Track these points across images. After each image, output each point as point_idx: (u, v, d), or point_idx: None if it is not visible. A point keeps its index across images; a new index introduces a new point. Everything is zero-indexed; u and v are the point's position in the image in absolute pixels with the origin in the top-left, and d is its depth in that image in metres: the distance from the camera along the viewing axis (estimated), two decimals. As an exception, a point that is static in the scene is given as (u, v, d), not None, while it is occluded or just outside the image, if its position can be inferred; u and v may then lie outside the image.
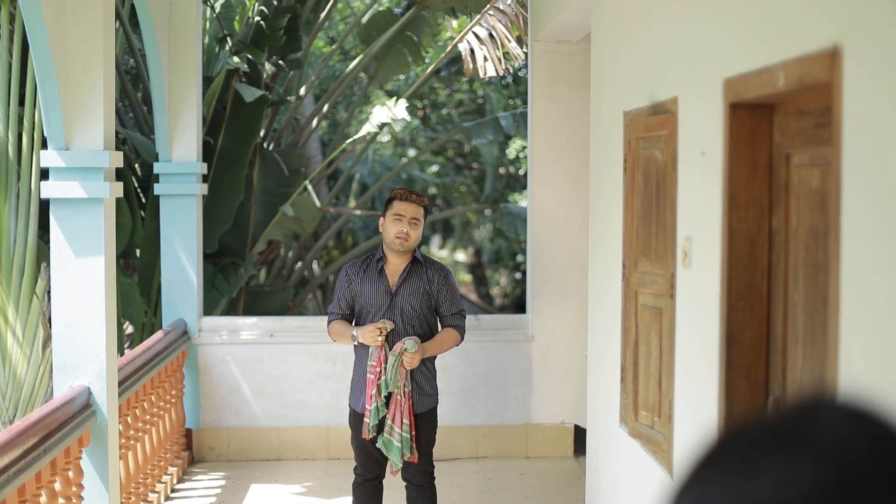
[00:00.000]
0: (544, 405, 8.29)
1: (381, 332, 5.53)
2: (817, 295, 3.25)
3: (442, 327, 5.85)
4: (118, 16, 9.41)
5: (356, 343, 5.65)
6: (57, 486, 5.25)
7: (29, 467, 4.76)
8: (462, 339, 5.84)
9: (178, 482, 7.64)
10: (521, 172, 17.64)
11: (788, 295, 3.51)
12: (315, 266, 13.94)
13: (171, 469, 7.55)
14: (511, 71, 8.96)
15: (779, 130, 3.59)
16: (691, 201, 4.11)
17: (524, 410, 8.29)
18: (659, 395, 4.49)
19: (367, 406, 5.64)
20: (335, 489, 7.41)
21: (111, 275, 5.76)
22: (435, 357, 5.84)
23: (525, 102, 12.04)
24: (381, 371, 5.58)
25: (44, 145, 6.86)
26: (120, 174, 8.57)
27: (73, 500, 5.43)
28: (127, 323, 9.82)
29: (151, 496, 6.97)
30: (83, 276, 5.64)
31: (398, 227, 5.68)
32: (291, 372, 8.20)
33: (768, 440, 0.86)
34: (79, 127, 5.58)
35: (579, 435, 8.28)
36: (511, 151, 16.87)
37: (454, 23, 15.73)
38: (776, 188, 3.60)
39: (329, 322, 5.86)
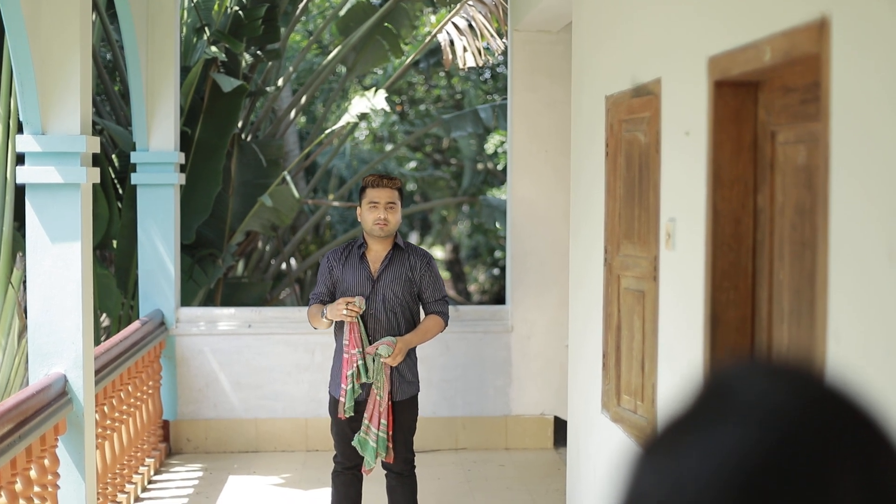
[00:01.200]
0: (524, 396, 8.26)
1: (351, 309, 5.47)
2: (803, 272, 3.23)
3: (425, 314, 5.80)
4: (95, 7, 9.33)
5: (325, 319, 5.57)
6: (32, 473, 5.18)
7: (4, 453, 4.69)
8: (446, 325, 5.80)
9: (156, 473, 7.58)
10: (499, 168, 17.60)
11: (774, 273, 3.49)
12: (293, 261, 13.86)
13: (148, 461, 7.48)
14: (491, 62, 8.92)
15: (764, 108, 3.56)
16: (675, 182, 4.09)
17: (503, 402, 8.26)
18: (642, 378, 4.46)
19: (342, 385, 5.58)
20: (314, 480, 7.36)
21: (88, 261, 5.69)
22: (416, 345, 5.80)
23: (504, 97, 12.00)
24: (356, 354, 5.53)
25: (19, 130, 6.78)
26: (96, 164, 8.49)
27: (49, 489, 5.36)
28: (104, 315, 9.74)
29: (128, 487, 6.90)
30: (59, 262, 5.57)
31: (375, 215, 5.63)
32: (270, 363, 8.14)
33: (690, 418, 0.87)
34: (55, 111, 5.52)
35: (559, 426, 8.25)
36: (490, 146, 16.83)
37: (433, 18, 15.71)
38: (761, 166, 3.58)
39: (308, 306, 5.82)
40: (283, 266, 12.61)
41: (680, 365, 4.00)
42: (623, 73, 4.77)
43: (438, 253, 21.71)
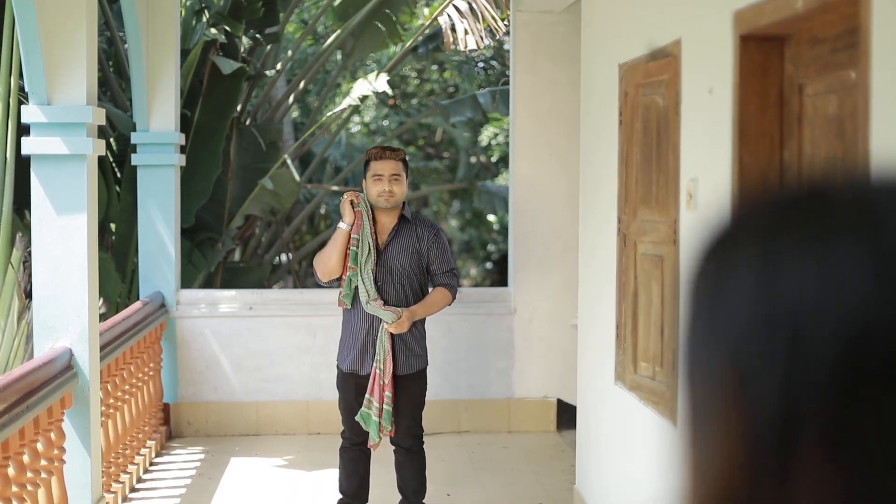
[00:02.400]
0: (527, 379, 8.22)
1: (353, 198, 5.55)
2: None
3: (433, 286, 5.75)
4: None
5: (341, 225, 5.51)
6: (39, 446, 5.12)
7: (12, 423, 4.63)
8: (454, 298, 5.74)
9: (157, 456, 7.51)
10: (493, 160, 17.56)
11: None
12: (288, 256, 13.77)
13: (150, 443, 7.41)
14: (492, 44, 8.87)
15: (791, 62, 3.52)
16: (696, 142, 4.05)
17: (506, 384, 8.22)
18: (661, 344, 4.42)
19: (341, 277, 5.56)
20: (317, 462, 7.30)
21: (93, 234, 5.63)
22: (425, 318, 5.74)
23: (496, 88, 11.90)
24: (355, 239, 5.52)
25: (24, 102, 6.71)
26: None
27: (55, 464, 5.30)
28: (101, 300, 9.66)
29: (130, 468, 6.84)
30: (65, 234, 5.51)
31: (380, 187, 5.58)
32: (270, 345, 8.08)
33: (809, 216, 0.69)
34: (61, 81, 5.46)
35: (562, 409, 8.21)
36: (483, 138, 16.78)
37: (426, 10, 15.66)
38: (788, 121, 3.54)
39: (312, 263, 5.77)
40: (277, 260, 12.54)
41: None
42: (637, 38, 4.73)
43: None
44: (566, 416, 8.13)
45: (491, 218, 18.84)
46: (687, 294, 0.75)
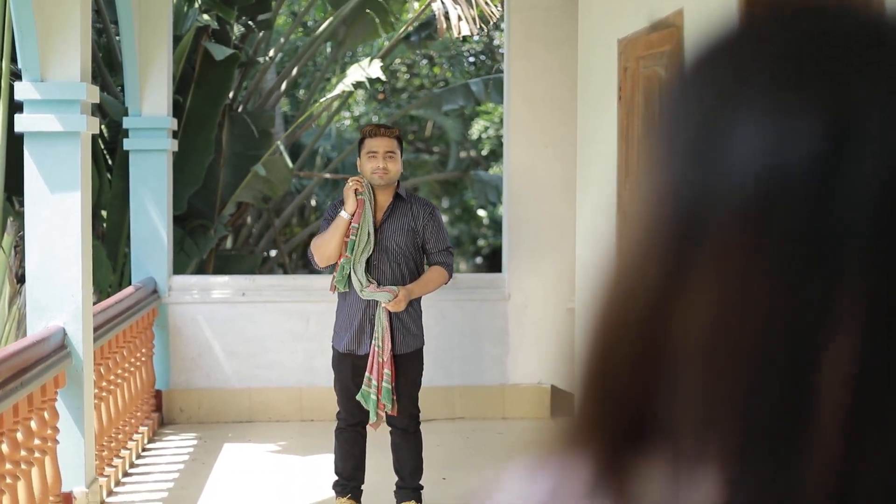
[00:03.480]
0: (521, 365, 8.18)
1: (356, 183, 5.48)
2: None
3: (428, 265, 5.71)
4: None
5: (343, 213, 5.46)
6: (33, 425, 5.07)
7: (6, 398, 4.58)
8: (450, 276, 5.71)
9: (149, 442, 7.45)
10: (483, 153, 17.53)
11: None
12: (278, 249, 13.71)
13: (142, 429, 7.36)
14: (483, 36, 8.85)
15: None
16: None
17: (500, 371, 8.18)
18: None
19: (338, 261, 5.50)
20: (311, 447, 7.25)
21: (87, 212, 5.59)
22: (421, 297, 5.71)
23: (477, 103, 11.81)
24: (354, 228, 5.46)
25: (17, 78, 6.64)
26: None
27: (49, 444, 5.25)
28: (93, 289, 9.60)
29: (123, 453, 6.78)
30: (58, 212, 5.47)
31: (374, 164, 5.53)
32: (264, 332, 8.03)
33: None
34: (55, 58, 5.42)
35: (557, 395, 8.18)
36: (474, 131, 16.76)
37: (416, 4, 15.63)
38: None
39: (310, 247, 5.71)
40: (267, 254, 12.49)
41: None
42: (637, 12, 4.71)
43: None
44: (561, 402, 8.10)
45: (481, 213, 18.82)
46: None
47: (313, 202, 16.01)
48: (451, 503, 6.16)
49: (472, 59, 17.85)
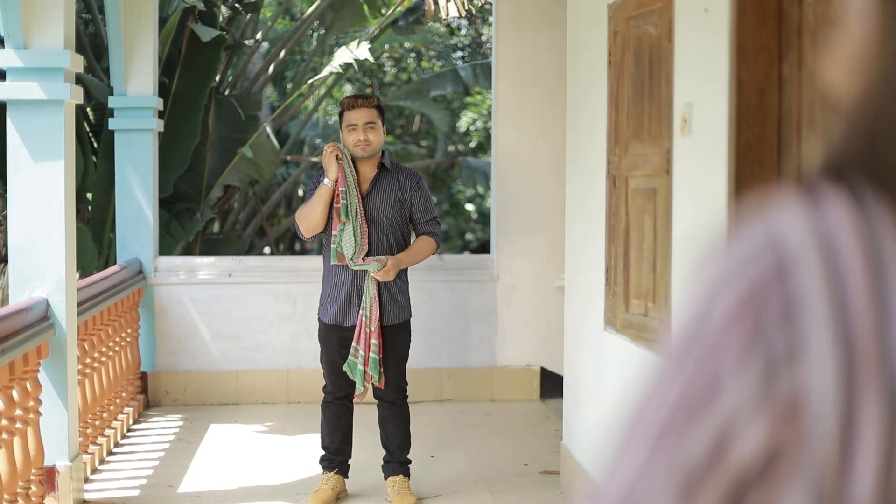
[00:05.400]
0: (509, 347, 8.12)
1: (333, 149, 5.43)
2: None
3: (416, 235, 5.66)
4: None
5: (325, 181, 5.39)
6: (15, 394, 4.99)
7: (-13, 363, 4.51)
8: (438, 246, 5.66)
9: (134, 423, 7.38)
10: (471, 146, 17.48)
11: (803, 145, 3.38)
12: (265, 231, 13.64)
13: (127, 409, 7.28)
14: (473, 13, 8.79)
15: (790, -27, 3.45)
16: (690, 67, 3.97)
17: (489, 353, 8.12)
18: (654, 278, 4.34)
19: (332, 233, 5.43)
20: (298, 428, 7.19)
21: (71, 182, 5.51)
22: (408, 269, 5.65)
23: (465, 88, 11.72)
24: (342, 193, 5.39)
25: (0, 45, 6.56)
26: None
27: (32, 415, 5.18)
28: (79, 271, 9.51)
29: (108, 432, 6.71)
30: (42, 181, 5.39)
31: (355, 136, 5.48)
32: (250, 313, 7.96)
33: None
34: (38, 25, 5.34)
35: (546, 378, 8.13)
36: (462, 124, 16.70)
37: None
38: (787, 34, 3.46)
39: (295, 216, 5.64)
40: (252, 243, 12.40)
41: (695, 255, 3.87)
42: (628, -24, 4.65)
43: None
44: (549, 384, 8.05)
45: (469, 207, 18.77)
46: None
47: (300, 192, 15.93)
48: (439, 480, 6.10)
49: (460, 54, 17.81)
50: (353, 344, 5.43)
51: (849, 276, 0.74)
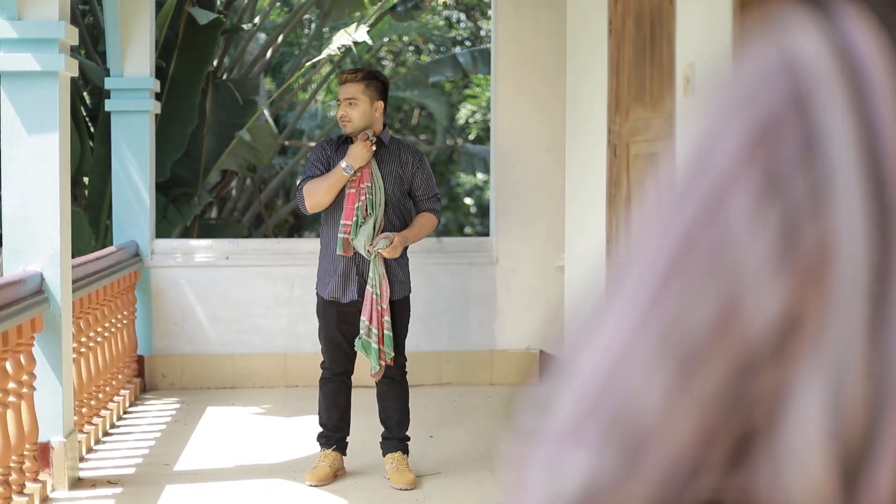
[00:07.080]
0: (509, 330, 8.06)
1: (366, 140, 5.32)
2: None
3: (417, 211, 5.60)
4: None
5: (349, 173, 5.31)
6: (8, 367, 4.93)
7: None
8: (438, 222, 5.61)
9: (131, 406, 7.32)
10: (471, 139, 17.43)
11: None
12: (262, 227, 13.59)
13: (123, 392, 7.22)
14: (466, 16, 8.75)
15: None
16: (693, 26, 3.92)
17: (488, 336, 8.06)
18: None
19: (346, 222, 5.34)
20: (296, 410, 7.13)
21: (66, 154, 5.45)
22: (408, 246, 5.60)
23: (465, 74, 11.66)
24: (365, 188, 5.31)
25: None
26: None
27: (26, 389, 5.12)
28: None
29: (104, 413, 6.65)
30: (36, 153, 5.33)
31: (338, 112, 5.46)
32: (248, 296, 7.90)
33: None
34: (32, -5, 5.28)
35: (545, 361, 8.07)
36: (461, 116, 16.65)
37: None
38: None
39: (301, 188, 5.56)
40: (249, 233, 12.34)
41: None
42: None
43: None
44: (549, 368, 7.98)
45: (468, 201, 18.73)
46: None
47: (298, 181, 15.87)
48: (438, 458, 6.04)
49: (458, 49, 17.78)
50: (366, 322, 5.35)
51: (878, 99, 0.62)
